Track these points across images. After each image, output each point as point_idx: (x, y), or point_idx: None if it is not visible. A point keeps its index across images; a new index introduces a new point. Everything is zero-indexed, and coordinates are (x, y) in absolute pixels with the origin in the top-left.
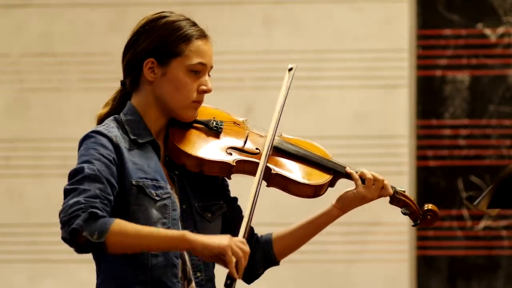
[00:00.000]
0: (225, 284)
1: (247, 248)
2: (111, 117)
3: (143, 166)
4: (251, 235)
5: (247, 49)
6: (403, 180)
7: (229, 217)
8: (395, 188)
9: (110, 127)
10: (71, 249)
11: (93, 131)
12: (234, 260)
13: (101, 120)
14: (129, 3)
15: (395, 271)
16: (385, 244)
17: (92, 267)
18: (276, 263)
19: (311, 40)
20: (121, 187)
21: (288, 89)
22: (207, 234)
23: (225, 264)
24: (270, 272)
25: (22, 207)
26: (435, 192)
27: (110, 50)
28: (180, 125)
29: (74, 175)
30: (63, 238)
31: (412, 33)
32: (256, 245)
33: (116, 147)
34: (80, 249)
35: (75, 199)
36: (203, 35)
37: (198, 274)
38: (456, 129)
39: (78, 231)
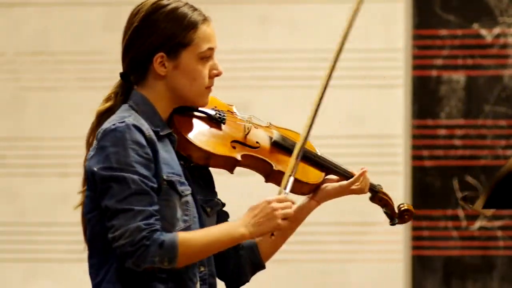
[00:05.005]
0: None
1: (287, 204)
2: (126, 107)
3: (169, 160)
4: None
5: (243, 49)
6: (398, 180)
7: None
8: (376, 186)
9: (138, 118)
10: (66, 249)
11: (123, 124)
12: (284, 224)
13: (101, 115)
14: (125, 2)
15: (390, 271)
16: (380, 244)
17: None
18: (263, 266)
19: (307, 40)
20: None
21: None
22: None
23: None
24: (265, 272)
25: (17, 206)
26: (430, 192)
27: (107, 49)
28: (182, 114)
29: (117, 185)
30: (129, 266)
31: (408, 33)
32: (241, 252)
33: (150, 141)
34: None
35: (133, 225)
36: (205, 19)
37: (202, 269)
38: (452, 129)
39: (150, 265)
